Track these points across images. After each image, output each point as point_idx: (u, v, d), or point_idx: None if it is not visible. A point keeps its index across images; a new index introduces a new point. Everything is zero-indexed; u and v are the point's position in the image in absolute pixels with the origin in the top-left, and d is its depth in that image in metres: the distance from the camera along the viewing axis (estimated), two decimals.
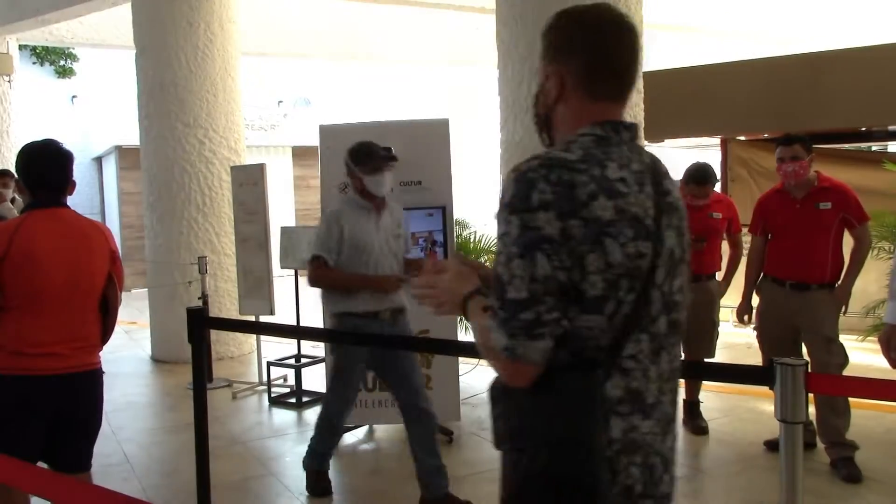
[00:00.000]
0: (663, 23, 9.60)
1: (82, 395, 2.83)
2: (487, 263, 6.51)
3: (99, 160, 15.24)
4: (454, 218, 4.76)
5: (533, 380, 1.31)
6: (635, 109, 5.06)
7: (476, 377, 5.80)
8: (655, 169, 1.41)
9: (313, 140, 5.02)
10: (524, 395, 1.32)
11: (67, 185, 2.85)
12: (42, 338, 2.69)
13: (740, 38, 11.09)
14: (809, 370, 2.00)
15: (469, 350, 3.71)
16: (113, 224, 14.54)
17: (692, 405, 4.80)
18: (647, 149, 1.50)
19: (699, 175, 4.61)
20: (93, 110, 14.70)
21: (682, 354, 1.50)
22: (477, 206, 8.29)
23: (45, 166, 2.81)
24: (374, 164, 3.64)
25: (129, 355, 7.47)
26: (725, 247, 4.91)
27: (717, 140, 7.82)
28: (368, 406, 4.71)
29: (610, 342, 1.32)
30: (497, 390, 1.40)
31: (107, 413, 5.43)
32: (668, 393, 1.41)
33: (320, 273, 3.65)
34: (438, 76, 15.05)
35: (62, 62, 14.97)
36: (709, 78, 7.11)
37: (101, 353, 2.93)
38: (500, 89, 5.27)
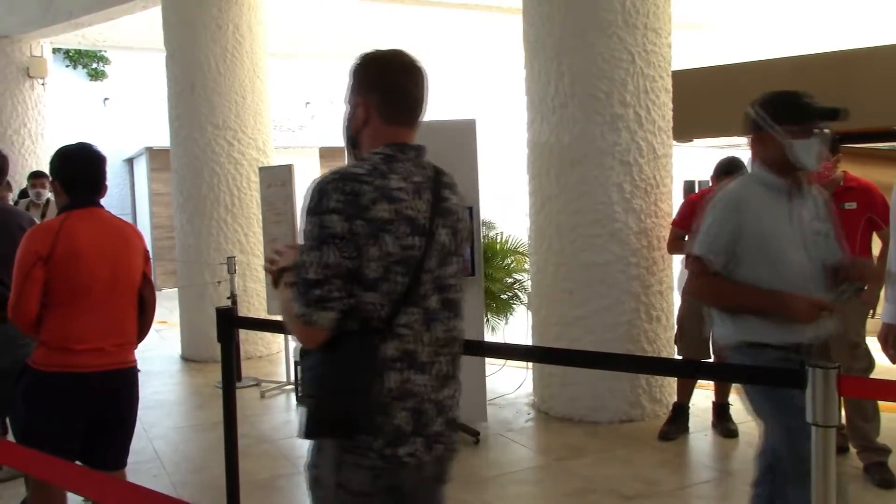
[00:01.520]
0: (691, 21, 9.50)
1: (123, 392, 2.89)
2: (514, 264, 6.50)
3: (130, 161, 15.44)
4: (481, 218, 4.75)
5: (322, 342, 1.68)
6: (664, 109, 5.03)
7: (502, 378, 5.79)
8: (437, 180, 1.82)
9: (340, 141, 5.03)
10: (320, 354, 1.69)
11: (102, 186, 2.91)
12: (86, 333, 2.75)
13: (769, 36, 10.94)
14: None
15: (496, 351, 3.73)
16: (144, 224, 14.73)
17: (722, 408, 4.75)
18: (681, 149, 1.57)
19: (730, 168, 4.54)
20: (124, 112, 14.91)
21: (459, 327, 1.89)
22: (504, 206, 8.27)
23: (81, 168, 2.87)
24: (807, 123, 2.47)
25: (159, 354, 7.56)
26: None
27: (746, 139, 7.71)
28: None
29: (387, 314, 1.69)
30: (304, 351, 1.76)
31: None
32: (445, 355, 1.82)
33: (705, 282, 2.58)
34: (465, 76, 15.04)
35: (94, 65, 15.20)
36: (738, 76, 7.02)
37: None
38: (526, 89, 5.26)
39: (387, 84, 1.79)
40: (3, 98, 9.48)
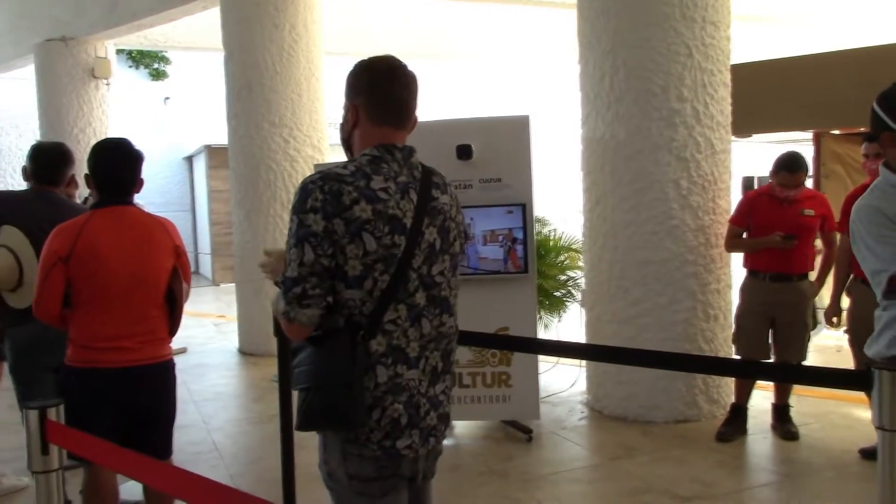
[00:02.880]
0: (751, 13, 9.28)
1: (152, 386, 2.91)
2: (568, 261, 6.46)
3: (189, 159, 15.80)
4: (534, 215, 4.73)
5: (305, 336, 1.79)
6: (722, 104, 4.93)
7: (555, 376, 5.76)
8: (426, 181, 1.86)
9: None
10: (310, 349, 1.78)
11: (134, 184, 2.91)
12: (108, 332, 2.79)
13: (832, 29, 10.61)
14: None
15: (549, 348, 3.71)
16: (202, 220, 15.08)
17: (782, 409, 4.63)
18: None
19: (790, 162, 4.41)
20: (184, 111, 15.26)
21: (452, 321, 1.92)
22: (557, 203, 8.22)
23: (112, 165, 2.88)
24: None
25: (217, 348, 7.70)
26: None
27: (808, 135, 7.51)
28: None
29: (372, 310, 1.76)
30: (295, 346, 1.85)
31: (197, 403, 5.67)
32: (434, 351, 1.86)
33: None
34: (519, 72, 14.97)
35: (156, 65, 15.60)
36: (799, 69, 6.82)
37: (191, 346, 3.03)
38: (580, 84, 5.21)
39: (373, 87, 1.85)
40: (69, 98, 9.79)
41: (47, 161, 3.57)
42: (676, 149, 4.75)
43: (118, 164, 2.89)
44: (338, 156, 2.05)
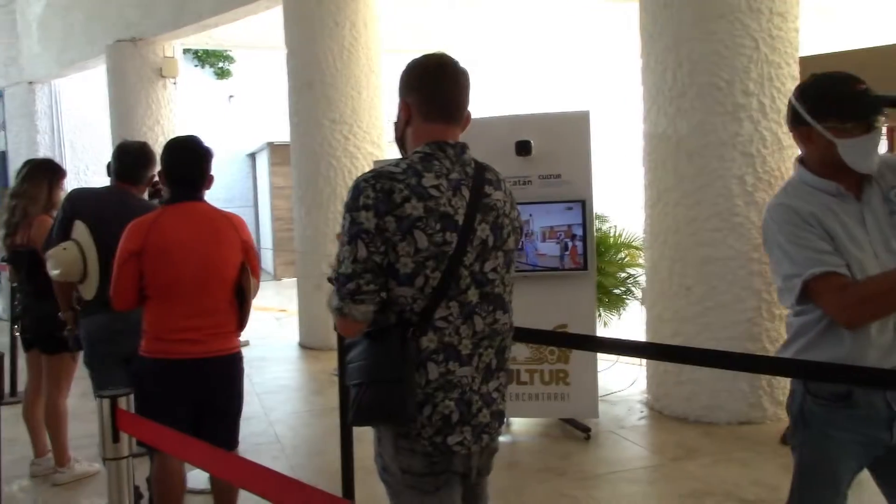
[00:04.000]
0: (821, 4, 8.99)
1: (219, 378, 2.98)
2: (628, 258, 6.38)
3: (252, 156, 16.13)
4: (594, 212, 4.68)
5: (358, 333, 1.80)
6: (790, 97, 4.78)
7: (614, 374, 5.69)
8: (479, 177, 1.86)
9: None
10: (362, 345, 1.80)
11: (204, 180, 2.99)
12: (177, 324, 2.87)
13: None
14: None
15: (608, 346, 3.67)
16: (265, 216, 15.37)
17: None
18: None
19: None
20: (247, 109, 15.58)
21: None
22: (618, 199, 8.10)
23: (183, 162, 2.96)
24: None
25: (278, 341, 7.84)
26: None
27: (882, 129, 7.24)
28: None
29: (423, 307, 1.77)
30: (349, 343, 1.87)
31: (259, 395, 5.79)
32: (488, 348, 1.87)
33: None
34: (579, 67, 14.81)
35: (220, 64, 15.96)
36: (872, 62, 6.57)
37: (253, 340, 3.09)
38: (642, 79, 5.13)
39: (423, 84, 1.87)
40: (138, 97, 10.08)
41: (131, 161, 3.70)
42: (741, 144, 4.64)
43: (189, 161, 2.97)
44: (396, 152, 2.06)
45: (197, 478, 3.81)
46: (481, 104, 1.99)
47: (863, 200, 2.01)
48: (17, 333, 4.45)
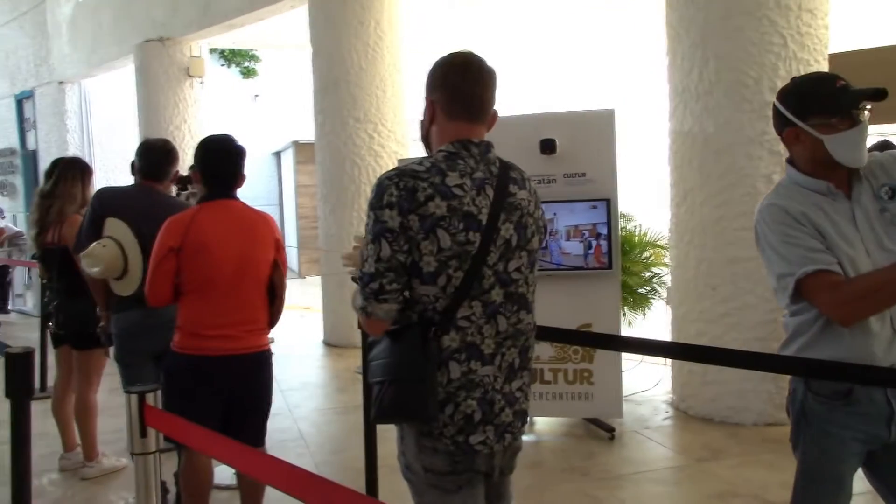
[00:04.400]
0: (847, 1, 8.85)
1: (253, 374, 3.02)
2: (653, 258, 6.32)
3: (278, 155, 16.24)
4: (618, 210, 4.65)
5: (383, 332, 1.80)
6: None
7: (639, 374, 5.66)
8: (503, 176, 1.85)
9: None
10: (385, 344, 1.80)
11: (237, 178, 3.02)
12: (214, 320, 2.91)
13: None
14: None
15: (632, 346, 3.65)
16: (289, 214, 15.46)
17: None
18: None
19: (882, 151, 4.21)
20: (273, 108, 15.68)
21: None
22: (643, 198, 8.04)
23: (218, 160, 3.00)
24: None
25: (302, 339, 7.91)
26: None
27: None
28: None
29: (445, 306, 1.77)
30: (372, 341, 1.87)
31: (283, 392, 5.83)
32: (511, 347, 1.86)
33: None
34: (605, 65, 14.73)
35: (246, 64, 16.09)
36: None
37: (278, 337, 3.11)
38: (668, 77, 5.09)
39: (447, 82, 1.86)
40: (166, 96, 10.20)
41: (155, 159, 3.74)
42: (769, 142, 4.58)
43: (223, 159, 3.01)
44: (421, 150, 2.07)
45: (223, 474, 3.84)
46: (506, 103, 1.97)
47: (853, 199, 2.01)
48: (50, 330, 4.50)
